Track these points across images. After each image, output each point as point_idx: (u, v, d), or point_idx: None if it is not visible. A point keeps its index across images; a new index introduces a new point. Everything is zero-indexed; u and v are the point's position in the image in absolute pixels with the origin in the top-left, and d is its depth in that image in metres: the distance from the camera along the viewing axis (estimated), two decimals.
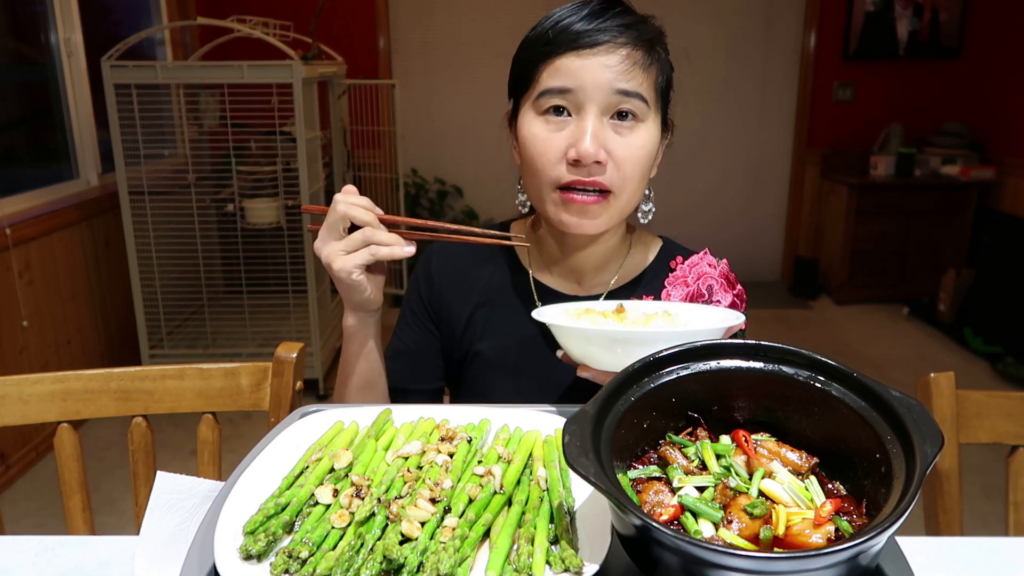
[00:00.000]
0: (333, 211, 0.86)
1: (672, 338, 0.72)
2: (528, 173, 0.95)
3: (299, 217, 3.16)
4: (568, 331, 0.79)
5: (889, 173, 4.47)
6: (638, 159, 0.90)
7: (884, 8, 4.57)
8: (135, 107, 2.96)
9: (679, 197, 4.81)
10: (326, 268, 0.88)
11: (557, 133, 0.90)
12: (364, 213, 0.86)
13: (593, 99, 0.88)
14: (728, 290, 1.00)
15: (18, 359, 2.76)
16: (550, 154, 0.90)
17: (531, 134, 0.92)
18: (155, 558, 0.65)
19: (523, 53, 0.94)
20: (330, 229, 0.87)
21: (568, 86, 0.88)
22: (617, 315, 0.86)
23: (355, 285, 0.89)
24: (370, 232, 0.86)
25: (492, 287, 1.05)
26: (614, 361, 0.77)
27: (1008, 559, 0.77)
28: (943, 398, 1.02)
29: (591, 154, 0.87)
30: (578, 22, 0.89)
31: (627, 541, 0.53)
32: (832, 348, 3.92)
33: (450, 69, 4.69)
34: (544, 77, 0.90)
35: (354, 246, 0.86)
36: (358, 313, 0.95)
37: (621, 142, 0.89)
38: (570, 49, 0.88)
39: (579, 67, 0.87)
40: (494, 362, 1.03)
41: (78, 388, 1.04)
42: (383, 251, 0.86)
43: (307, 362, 3.25)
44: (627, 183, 0.91)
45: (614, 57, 0.87)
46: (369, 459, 0.69)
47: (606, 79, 0.87)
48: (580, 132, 0.88)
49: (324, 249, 0.88)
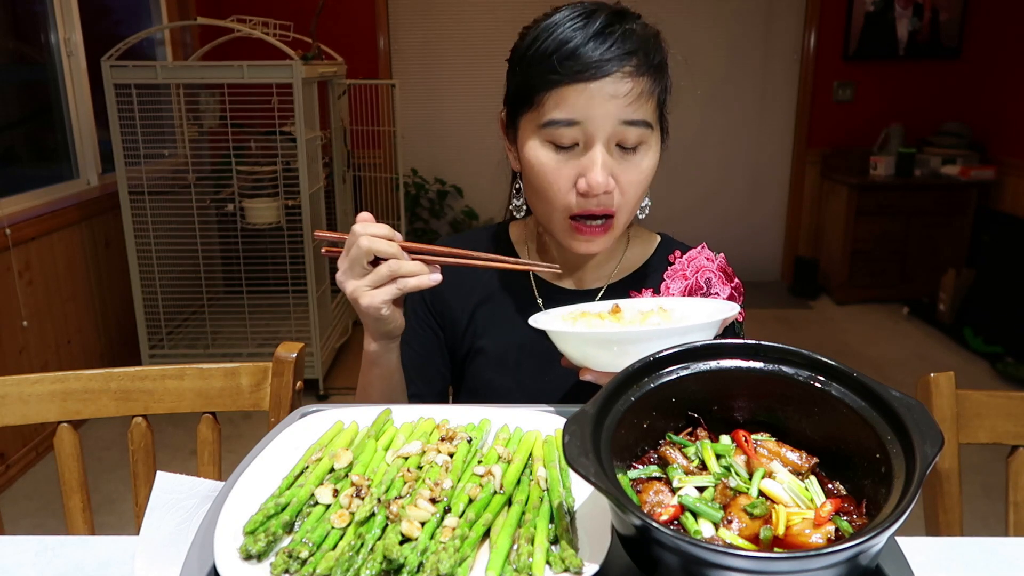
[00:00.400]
0: (355, 246, 0.83)
1: (669, 334, 0.72)
2: (536, 197, 0.94)
3: (299, 217, 3.16)
4: (566, 336, 0.79)
5: (889, 173, 4.47)
6: (641, 182, 0.91)
7: (884, 8, 4.57)
8: (135, 107, 2.96)
9: (679, 197, 4.81)
10: (352, 303, 0.86)
11: (566, 163, 0.89)
12: (387, 245, 0.83)
13: (601, 131, 0.86)
14: (726, 283, 1.01)
15: (18, 359, 2.76)
16: (560, 183, 0.89)
17: (539, 162, 0.90)
18: (155, 558, 0.65)
19: (524, 70, 0.90)
20: (353, 264, 0.84)
21: (575, 119, 0.86)
22: (613, 315, 0.86)
23: (383, 319, 0.87)
24: (396, 264, 0.83)
25: (492, 285, 1.05)
26: (614, 361, 0.77)
27: (1008, 559, 0.77)
28: (943, 398, 1.02)
29: (601, 185, 0.87)
30: (583, 44, 0.85)
31: (627, 541, 0.53)
32: (832, 348, 3.92)
33: (450, 69, 4.69)
34: (549, 106, 0.87)
35: (380, 280, 0.84)
36: (382, 341, 0.94)
37: (627, 167, 0.89)
38: (576, 81, 0.85)
39: (586, 100, 0.85)
40: (495, 359, 1.03)
41: (78, 388, 1.04)
42: (410, 283, 0.84)
43: (307, 362, 3.25)
44: (630, 203, 0.92)
45: (622, 87, 0.85)
46: (369, 459, 0.69)
47: (613, 111, 0.86)
48: (590, 163, 0.87)
49: (348, 285, 0.85)
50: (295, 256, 3.22)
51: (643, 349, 0.72)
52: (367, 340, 0.95)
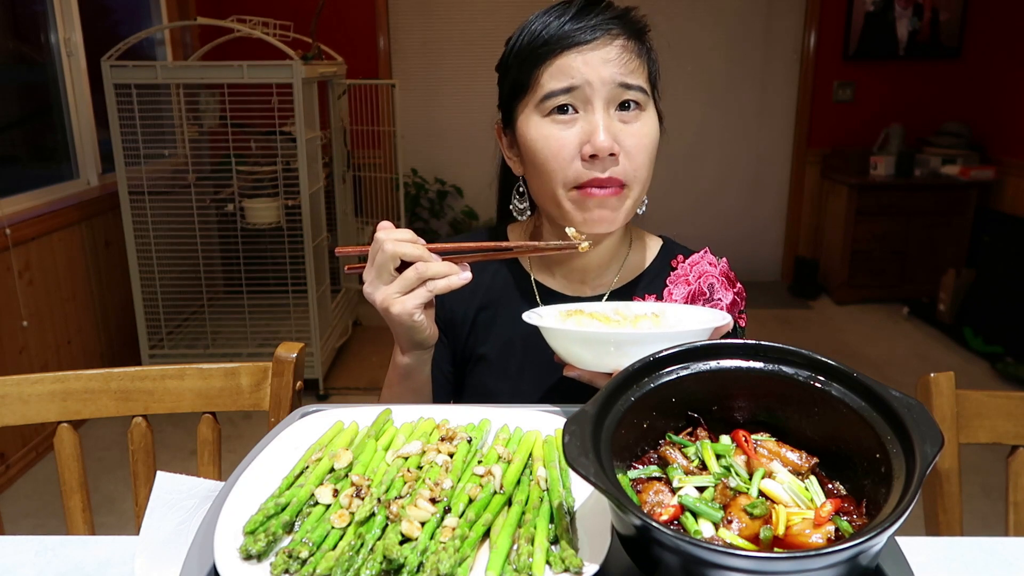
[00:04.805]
0: (380, 252, 0.81)
1: (654, 339, 0.73)
2: (540, 176, 0.92)
3: (299, 217, 3.16)
4: (552, 332, 0.80)
5: (889, 173, 4.47)
6: (646, 147, 0.90)
7: (884, 8, 4.57)
8: (135, 107, 2.96)
9: (679, 197, 4.81)
10: (382, 314, 0.83)
11: (568, 131, 0.89)
12: (413, 248, 0.81)
13: (599, 93, 0.87)
14: (729, 288, 1.00)
15: (18, 359, 2.76)
16: (564, 152, 0.89)
17: (540, 135, 0.90)
18: (155, 558, 0.65)
19: (515, 61, 0.92)
20: (380, 271, 0.82)
21: (573, 84, 0.87)
22: (604, 317, 0.86)
23: (416, 326, 0.84)
24: (423, 267, 0.81)
25: (494, 290, 1.05)
26: (596, 361, 0.79)
27: (1008, 559, 0.77)
28: (943, 398, 1.02)
29: (607, 147, 0.87)
30: (567, 23, 0.88)
31: (627, 541, 0.53)
32: (832, 348, 3.92)
33: (450, 69, 4.69)
34: (545, 79, 0.89)
35: (409, 285, 0.81)
36: (415, 352, 0.91)
37: (629, 132, 0.89)
38: (568, 47, 0.87)
39: (581, 63, 0.87)
40: (496, 365, 1.02)
41: (78, 388, 1.04)
42: (440, 284, 0.81)
43: (307, 362, 3.25)
44: (639, 173, 0.91)
45: (612, 50, 0.88)
46: (369, 459, 0.69)
47: (608, 73, 0.87)
48: (592, 127, 0.87)
49: (377, 294, 0.82)
50: (295, 256, 3.22)
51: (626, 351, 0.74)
52: (397, 353, 0.92)
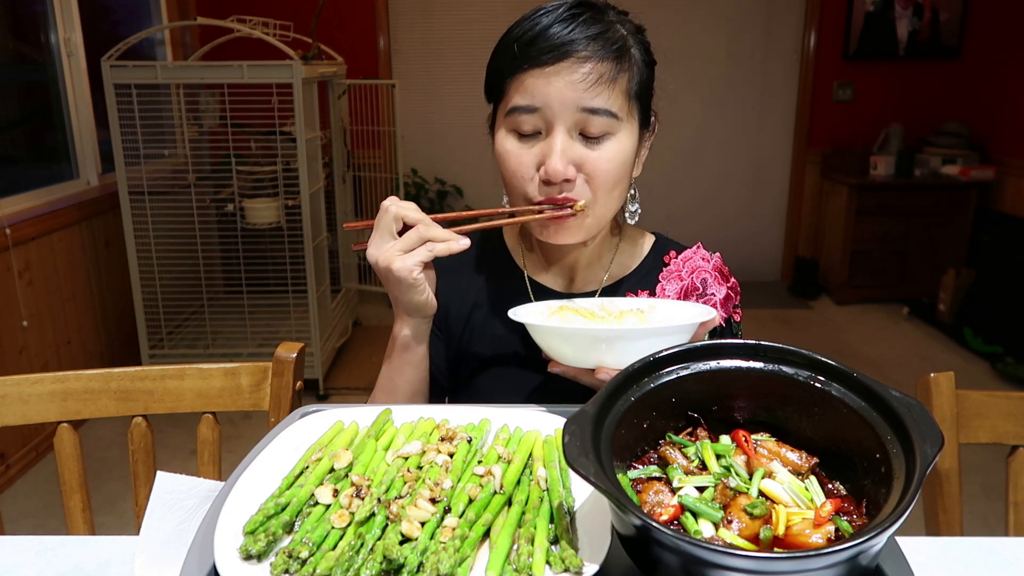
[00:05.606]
0: (384, 214, 0.86)
1: (634, 335, 0.74)
2: (506, 187, 0.95)
3: (299, 217, 3.16)
4: (535, 328, 0.81)
5: (889, 173, 4.47)
6: (608, 171, 0.89)
7: (884, 8, 4.57)
8: (135, 107, 2.96)
9: (679, 197, 4.80)
10: (383, 273, 0.86)
11: (528, 151, 0.90)
12: (416, 211, 0.86)
13: (560, 117, 0.87)
14: (722, 283, 1.00)
15: (18, 359, 2.76)
16: (522, 171, 0.90)
17: (504, 150, 0.91)
18: (155, 558, 0.65)
19: (493, 62, 0.93)
20: (383, 232, 0.86)
21: (534, 105, 0.87)
22: (589, 313, 0.87)
23: (415, 284, 0.87)
24: (424, 229, 0.85)
25: (488, 288, 1.05)
26: (578, 357, 0.80)
27: (1008, 559, 0.77)
28: (943, 398, 1.02)
29: (559, 172, 0.87)
30: (548, 28, 0.86)
31: (627, 541, 0.53)
32: (832, 348, 3.92)
33: (450, 69, 4.68)
34: (512, 93, 0.89)
35: (410, 244, 0.85)
36: (415, 319, 0.94)
37: (592, 156, 0.88)
38: (534, 65, 0.86)
39: (544, 85, 0.86)
40: (491, 363, 1.02)
41: (78, 388, 1.04)
42: (440, 247, 0.85)
43: (307, 362, 3.25)
44: (599, 195, 0.90)
45: (577, 74, 0.85)
46: (369, 459, 0.69)
47: (571, 98, 0.86)
48: (548, 150, 0.88)
49: (380, 253, 0.86)
50: (295, 256, 3.22)
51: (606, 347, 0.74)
52: (398, 325, 0.95)
